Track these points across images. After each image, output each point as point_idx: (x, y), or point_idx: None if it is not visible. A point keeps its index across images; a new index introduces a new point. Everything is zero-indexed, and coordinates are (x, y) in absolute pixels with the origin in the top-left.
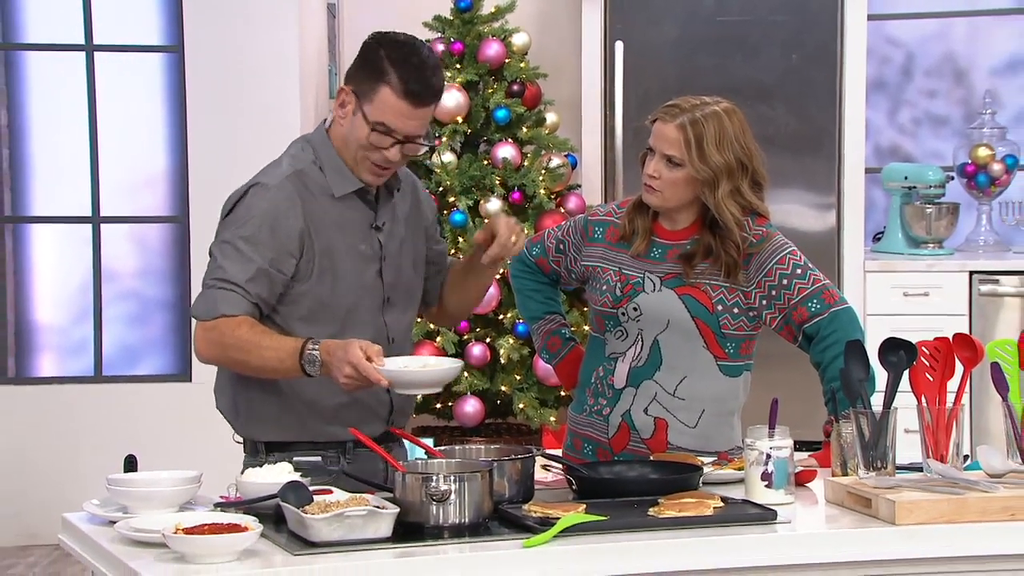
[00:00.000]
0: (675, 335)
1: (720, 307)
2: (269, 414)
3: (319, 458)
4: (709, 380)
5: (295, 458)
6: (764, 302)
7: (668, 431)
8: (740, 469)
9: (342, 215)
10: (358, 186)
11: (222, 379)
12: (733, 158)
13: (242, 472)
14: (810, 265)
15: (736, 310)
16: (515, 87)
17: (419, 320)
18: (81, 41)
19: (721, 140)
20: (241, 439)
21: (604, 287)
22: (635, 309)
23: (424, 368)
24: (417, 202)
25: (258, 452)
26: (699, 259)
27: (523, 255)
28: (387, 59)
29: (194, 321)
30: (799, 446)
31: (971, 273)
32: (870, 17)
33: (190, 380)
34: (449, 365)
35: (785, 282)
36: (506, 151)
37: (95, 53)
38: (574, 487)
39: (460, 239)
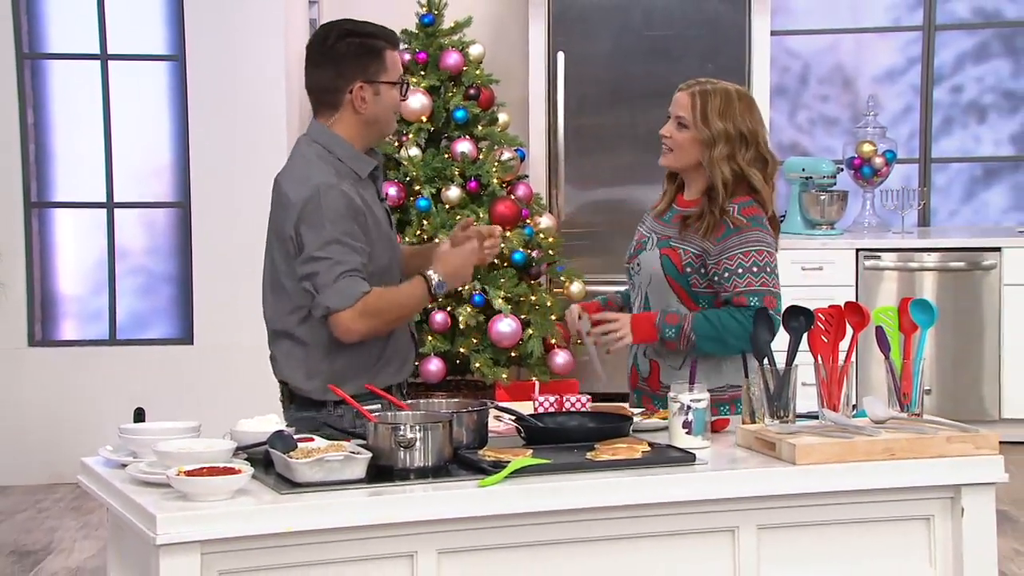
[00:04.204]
0: (657, 290)
1: (689, 269)
2: (337, 377)
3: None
4: None
5: (368, 405)
6: (716, 278)
7: (660, 372)
8: (664, 419)
9: (365, 193)
10: (375, 163)
11: (296, 355)
12: (733, 128)
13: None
14: (768, 270)
15: (702, 270)
16: (472, 91)
17: None
18: (97, 51)
19: (725, 111)
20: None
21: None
22: (637, 265)
23: None
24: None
25: (325, 405)
26: (693, 221)
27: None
28: (367, 37)
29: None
30: None
31: (857, 250)
32: (773, 32)
33: (192, 344)
34: None
35: (741, 271)
36: (464, 146)
37: (109, 61)
38: (522, 435)
39: (424, 222)
